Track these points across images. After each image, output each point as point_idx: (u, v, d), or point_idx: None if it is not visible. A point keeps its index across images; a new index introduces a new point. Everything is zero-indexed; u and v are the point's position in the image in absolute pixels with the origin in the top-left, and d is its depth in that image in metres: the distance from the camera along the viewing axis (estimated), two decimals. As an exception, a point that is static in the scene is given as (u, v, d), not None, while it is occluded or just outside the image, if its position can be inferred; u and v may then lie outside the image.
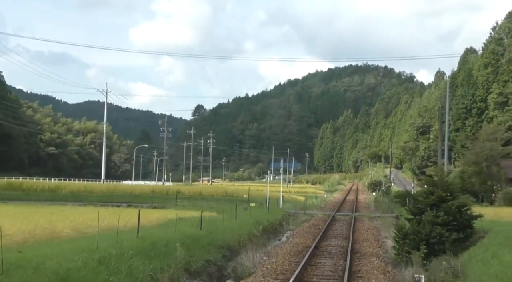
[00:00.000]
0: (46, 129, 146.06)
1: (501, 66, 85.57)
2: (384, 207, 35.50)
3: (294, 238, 19.58)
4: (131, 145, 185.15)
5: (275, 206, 33.06)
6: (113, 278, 8.76)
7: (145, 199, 34.15)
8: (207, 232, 15.87)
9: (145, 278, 9.54)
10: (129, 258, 10.09)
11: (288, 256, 15.14)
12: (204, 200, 36.33)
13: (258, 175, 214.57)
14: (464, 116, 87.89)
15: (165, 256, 11.37)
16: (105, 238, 11.16)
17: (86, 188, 38.94)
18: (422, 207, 14.69)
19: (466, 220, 14.34)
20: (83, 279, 8.16)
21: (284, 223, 25.10)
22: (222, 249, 14.93)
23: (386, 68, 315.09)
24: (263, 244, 18.04)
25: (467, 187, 37.81)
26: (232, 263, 13.95)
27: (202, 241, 14.30)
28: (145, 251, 11.07)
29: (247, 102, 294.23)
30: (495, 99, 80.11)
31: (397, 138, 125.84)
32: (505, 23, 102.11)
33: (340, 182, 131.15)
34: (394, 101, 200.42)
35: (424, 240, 13.82)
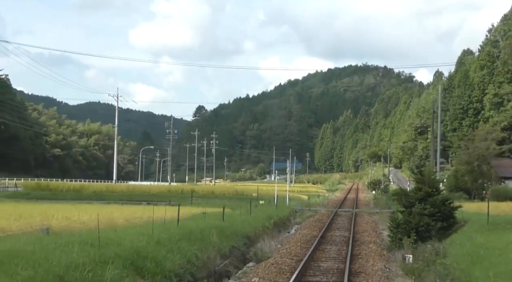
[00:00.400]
0: (51, 131, 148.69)
1: (496, 68, 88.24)
2: (382, 204, 38.19)
3: (302, 230, 22.32)
4: (134, 146, 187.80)
5: (282, 203, 35.83)
6: (170, 254, 11.43)
7: (161, 198, 36.94)
8: (229, 224, 18.57)
9: (191, 256, 12.22)
10: (176, 240, 12.79)
11: (299, 244, 17.85)
12: (217, 198, 39.06)
13: (260, 175, 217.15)
14: (461, 116, 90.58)
15: (202, 241, 14.05)
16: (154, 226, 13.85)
17: (107, 188, 41.82)
18: (412, 201, 17.38)
19: (449, 211, 17.04)
20: (149, 254, 10.83)
21: (292, 218, 27.85)
22: (243, 238, 17.63)
23: (386, 68, 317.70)
24: (275, 235, 20.75)
25: (461, 185, 40.58)
26: (252, 249, 16.66)
27: (226, 231, 16.98)
28: (186, 237, 13.74)
29: (247, 103, 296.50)
30: (490, 100, 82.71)
31: (396, 138, 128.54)
32: (501, 25, 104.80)
33: (341, 181, 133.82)
34: (393, 102, 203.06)
35: (414, 229, 16.52)
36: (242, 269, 13.89)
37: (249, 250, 16.52)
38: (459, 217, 17.63)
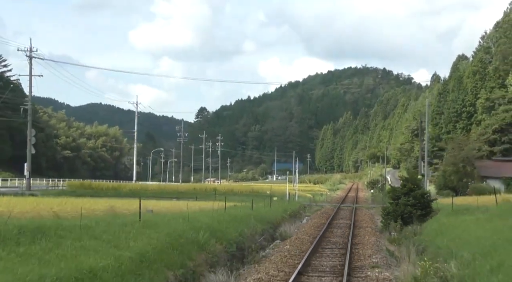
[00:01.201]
0: (61, 133, 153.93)
1: (488, 73, 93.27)
2: (379, 200, 43.53)
3: (313, 220, 27.71)
4: (140, 148, 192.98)
5: (292, 200, 41.20)
6: (228, 229, 16.76)
7: (188, 195, 42.27)
8: (257, 213, 23.95)
9: (241, 232, 17.55)
10: (228, 221, 18.15)
11: (312, 228, 23.23)
12: (236, 195, 44.25)
13: (261, 175, 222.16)
14: (455, 119, 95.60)
15: (244, 223, 19.40)
16: (208, 212, 19.20)
17: (142, 187, 47.31)
18: (399, 195, 22.70)
19: (426, 203, 22.39)
20: (216, 228, 16.14)
21: (302, 211, 33.26)
22: (269, 223, 23.00)
23: (385, 70, 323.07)
24: (292, 222, 26.10)
25: (448, 184, 45.97)
26: (277, 231, 22.06)
27: (257, 217, 22.32)
28: (233, 220, 19.10)
29: (249, 104, 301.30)
30: (482, 104, 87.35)
31: (395, 140, 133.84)
32: (493, 32, 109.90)
33: (342, 181, 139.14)
34: (392, 103, 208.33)
35: (399, 215, 21.85)
36: (273, 243, 19.25)
37: (275, 231, 21.91)
38: (434, 207, 22.98)
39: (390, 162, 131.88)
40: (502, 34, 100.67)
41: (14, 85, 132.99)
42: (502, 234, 12.54)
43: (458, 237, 15.19)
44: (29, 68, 40.59)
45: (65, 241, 9.81)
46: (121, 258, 9.66)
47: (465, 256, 11.28)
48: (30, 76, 41.27)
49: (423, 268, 11.09)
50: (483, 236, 13.23)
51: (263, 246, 18.46)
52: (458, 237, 15.19)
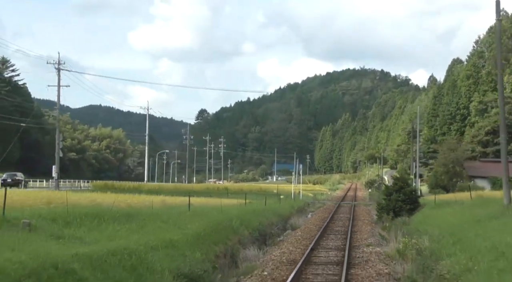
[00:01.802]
0: (67, 136, 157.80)
1: (481, 77, 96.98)
2: (376, 198, 47.42)
3: (317, 214, 31.72)
4: (143, 150, 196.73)
5: (297, 198, 45.22)
6: (251, 220, 20.72)
7: (202, 193, 46.15)
8: (269, 208, 27.93)
9: (261, 221, 21.51)
10: (250, 213, 22.13)
11: (317, 220, 27.23)
12: (246, 193, 48.06)
13: (262, 176, 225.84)
14: (450, 121, 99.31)
15: (261, 215, 23.36)
16: (232, 207, 23.14)
17: (160, 187, 51.22)
18: (391, 192, 26.69)
19: (414, 198, 26.40)
20: (242, 218, 20.08)
21: (307, 208, 37.23)
22: (280, 216, 27.00)
23: (383, 72, 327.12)
24: (299, 216, 30.07)
25: (439, 183, 50.00)
26: (288, 222, 26.03)
27: (269, 211, 26.30)
28: (252, 213, 23.07)
29: (248, 106, 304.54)
30: (476, 107, 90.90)
31: (392, 142, 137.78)
32: (486, 37, 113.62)
33: (341, 181, 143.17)
34: (390, 105, 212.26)
35: (391, 209, 25.83)
36: (285, 232, 23.22)
37: (286, 223, 25.91)
38: (422, 202, 26.99)
39: (388, 162, 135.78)
40: (495, 39, 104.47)
41: (22, 89, 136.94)
42: (465, 219, 16.48)
43: (435, 223, 19.23)
44: (57, 80, 44.45)
45: (147, 223, 13.77)
46: (185, 235, 13.64)
47: (436, 234, 15.25)
48: (59, 87, 45.18)
49: (404, 243, 15.07)
50: (452, 221, 17.20)
51: (278, 234, 22.41)
52: (435, 223, 19.23)
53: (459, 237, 14.37)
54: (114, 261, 9.19)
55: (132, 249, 10.25)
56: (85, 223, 11.57)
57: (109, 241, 10.48)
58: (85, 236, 10.36)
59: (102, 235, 10.92)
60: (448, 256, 12.58)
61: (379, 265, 13.52)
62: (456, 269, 11.21)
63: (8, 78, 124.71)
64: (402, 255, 14.40)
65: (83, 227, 11.10)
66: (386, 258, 14.81)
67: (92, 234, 10.71)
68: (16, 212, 11.03)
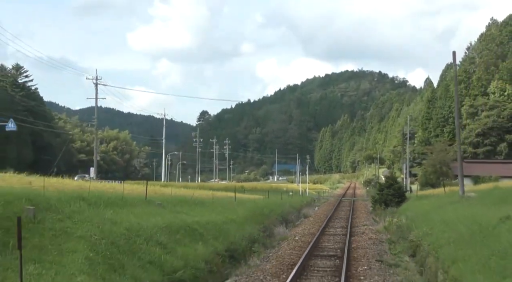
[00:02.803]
0: (76, 138, 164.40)
1: (471, 82, 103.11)
2: (372, 194, 54.08)
3: (323, 207, 38.36)
4: (148, 151, 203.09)
5: (304, 195, 51.89)
6: (275, 208, 27.30)
7: (222, 190, 52.62)
8: (284, 201, 34.50)
9: (282, 210, 28.07)
10: (272, 204, 28.73)
11: (324, 211, 33.87)
12: (260, 191, 54.51)
13: (263, 176, 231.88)
14: (442, 124, 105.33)
15: (280, 206, 29.93)
16: (258, 200, 29.71)
17: (186, 185, 57.50)
18: (383, 188, 33.28)
19: (401, 193, 33.01)
20: (268, 207, 26.63)
21: (313, 202, 43.82)
22: (294, 208, 33.59)
23: (380, 74, 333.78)
24: (308, 208, 36.66)
25: (428, 181, 56.62)
26: (300, 213, 32.65)
27: (286, 204, 32.86)
28: (274, 204, 29.65)
29: (249, 107, 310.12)
30: (467, 110, 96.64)
31: (389, 143, 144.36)
32: (477, 44, 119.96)
33: (340, 181, 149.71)
34: (387, 107, 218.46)
35: (383, 201, 32.42)
36: (300, 219, 29.78)
37: (299, 213, 32.49)
38: (409, 196, 33.64)
39: (385, 162, 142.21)
40: (485, 47, 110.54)
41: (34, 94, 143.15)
42: (433, 206, 23.05)
43: (413, 209, 25.87)
44: (95, 93, 50.79)
45: (214, 208, 20.34)
46: (238, 216, 20.23)
47: (411, 215, 21.82)
48: (96, 99, 51.51)
49: (389, 221, 21.66)
50: (425, 208, 23.78)
51: (295, 220, 28.95)
52: (413, 209, 25.87)
53: (425, 217, 20.98)
54: (210, 226, 15.76)
55: (215, 221, 16.83)
56: (184, 205, 18.11)
57: (201, 216, 16.93)
58: (189, 212, 16.89)
59: (196, 213, 17.44)
60: (416, 228, 19.20)
61: (371, 234, 20.15)
62: (420, 235, 17.85)
63: (22, 83, 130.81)
64: (387, 229, 20.93)
65: (185, 208, 17.63)
66: (376, 232, 21.41)
67: (192, 212, 17.24)
68: (148, 197, 17.53)
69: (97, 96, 50.48)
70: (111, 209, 12.20)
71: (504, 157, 79.53)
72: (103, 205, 12.29)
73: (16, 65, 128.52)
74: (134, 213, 12.84)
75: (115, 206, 12.73)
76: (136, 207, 14.13)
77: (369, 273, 12.23)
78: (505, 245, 10.22)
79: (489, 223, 12.90)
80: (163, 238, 11.62)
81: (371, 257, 14.70)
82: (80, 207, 11.17)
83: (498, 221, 12.68)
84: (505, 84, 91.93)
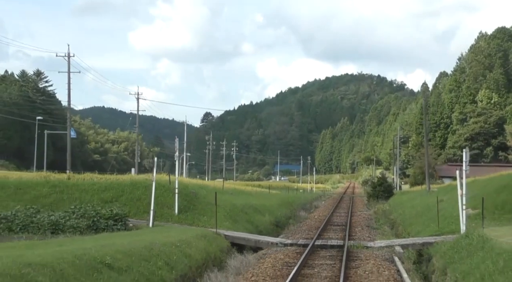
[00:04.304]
0: (91, 139, 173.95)
1: (461, 91, 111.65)
2: (368, 191, 63.80)
3: (328, 201, 48.24)
4: (157, 151, 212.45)
5: (311, 192, 61.70)
6: (295, 200, 37.05)
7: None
8: (299, 196, 44.21)
9: (301, 202, 37.79)
10: (292, 197, 38.51)
11: (330, 204, 43.74)
12: (276, 188, 64.09)
13: (265, 176, 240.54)
14: (435, 129, 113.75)
15: (298, 199, 39.66)
16: (282, 194, 39.50)
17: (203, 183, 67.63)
18: (376, 185, 43.03)
19: (390, 190, 42.77)
20: (290, 199, 36.34)
21: (319, 198, 53.59)
22: (307, 201, 43.28)
23: (379, 77, 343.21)
24: (317, 201, 46.39)
25: (417, 181, 66.32)
26: (312, 204, 42.35)
27: (300, 198, 42.57)
28: (292, 197, 39.38)
29: (251, 109, 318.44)
30: (457, 117, 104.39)
31: (386, 145, 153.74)
32: (468, 54, 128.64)
33: (340, 181, 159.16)
34: (385, 110, 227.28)
35: (376, 196, 42.17)
36: (313, 209, 39.44)
37: (311, 204, 42.20)
38: (395, 192, 43.44)
39: (382, 164, 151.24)
40: (474, 58, 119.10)
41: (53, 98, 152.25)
42: (409, 198, 32.78)
43: (396, 201, 35.72)
44: (137, 106, 60.38)
45: (258, 197, 30.00)
46: (274, 203, 29.98)
47: (393, 204, 31.57)
48: (138, 111, 61.19)
49: (378, 208, 31.34)
50: (403, 199, 33.58)
51: (309, 208, 38.53)
52: (396, 201, 35.72)
53: (402, 204, 30.82)
54: (263, 207, 25.52)
55: (264, 205, 26.59)
56: (241, 194, 27.88)
57: (256, 201, 26.60)
58: (248, 198, 26.61)
59: (251, 199, 27.18)
60: (395, 211, 29.02)
61: (364, 215, 29.92)
62: (396, 215, 27.65)
63: (42, 88, 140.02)
64: (376, 213, 30.65)
65: (244, 196, 27.37)
66: (368, 215, 31.17)
67: (249, 198, 27.01)
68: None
69: (138, 108, 60.14)
70: (220, 194, 21.89)
71: (489, 160, 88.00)
72: (212, 191, 21.97)
73: (37, 71, 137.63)
74: (230, 197, 22.62)
75: (219, 193, 22.45)
76: (226, 194, 23.87)
77: (361, 231, 21.93)
78: (435, 212, 19.93)
79: (432, 204, 22.62)
80: (249, 210, 21.31)
81: (363, 225, 24.44)
82: (206, 192, 20.92)
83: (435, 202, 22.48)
84: (492, 93, 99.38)
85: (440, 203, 21.48)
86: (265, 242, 16.17)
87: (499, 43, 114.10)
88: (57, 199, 17.32)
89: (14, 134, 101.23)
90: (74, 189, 18.00)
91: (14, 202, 16.37)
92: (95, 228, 14.03)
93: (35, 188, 17.84)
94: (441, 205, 21.29)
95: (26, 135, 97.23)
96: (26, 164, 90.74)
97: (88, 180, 19.32)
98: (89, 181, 19.08)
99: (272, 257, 13.82)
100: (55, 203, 17.01)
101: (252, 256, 13.90)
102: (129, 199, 17.65)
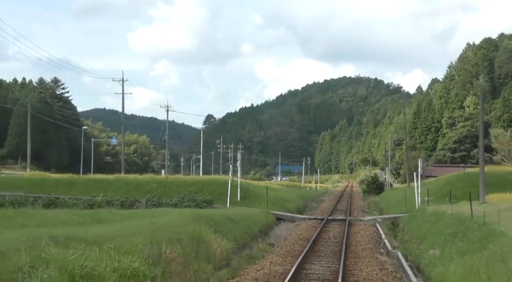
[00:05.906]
0: (102, 143, 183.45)
1: (450, 97, 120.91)
2: (363, 188, 73.77)
3: (331, 197, 58.37)
4: (164, 153, 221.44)
5: (316, 190, 71.79)
6: (306, 195, 47.05)
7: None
8: (308, 192, 54.21)
9: (311, 196, 47.81)
10: (304, 192, 48.53)
11: (332, 199, 53.84)
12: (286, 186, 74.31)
13: (267, 177, 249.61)
14: (426, 132, 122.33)
15: (308, 194, 49.67)
16: (293, 190, 49.59)
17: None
18: (369, 183, 53.10)
19: (381, 187, 52.89)
20: (303, 194, 46.34)
21: (323, 194, 63.61)
22: (313, 196, 53.24)
23: (376, 80, 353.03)
24: (322, 197, 56.34)
25: (406, 180, 76.35)
26: (319, 198, 52.37)
27: (310, 193, 52.54)
28: (304, 192, 49.37)
29: (252, 111, 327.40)
30: (446, 121, 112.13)
31: (382, 147, 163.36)
32: (458, 63, 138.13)
33: (339, 180, 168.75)
34: (382, 113, 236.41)
35: (370, 191, 52.23)
36: (320, 202, 49.40)
37: (318, 198, 52.18)
38: (385, 189, 53.50)
39: (379, 164, 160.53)
40: (462, 67, 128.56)
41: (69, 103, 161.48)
42: (394, 192, 42.72)
43: (386, 195, 45.77)
44: (166, 116, 70.14)
45: (279, 192, 39.94)
46: (293, 196, 40.04)
47: (382, 197, 41.63)
48: (167, 123, 70.86)
49: (371, 200, 41.39)
50: (391, 194, 43.54)
51: (317, 201, 48.34)
52: (386, 195, 45.77)
53: (388, 197, 40.94)
54: (287, 198, 35.54)
55: (286, 197, 36.61)
56: (260, 188, 37.77)
57: (280, 194, 36.43)
58: (273, 192, 36.51)
59: (275, 193, 37.10)
60: (383, 202, 39.20)
61: (360, 205, 40.02)
62: (383, 204, 37.89)
63: (59, 94, 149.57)
64: (369, 204, 40.64)
65: (261, 190, 37.27)
66: (363, 205, 41.21)
67: (273, 192, 36.94)
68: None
69: (168, 118, 69.93)
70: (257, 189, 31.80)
71: (476, 161, 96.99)
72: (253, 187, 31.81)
73: (54, 79, 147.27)
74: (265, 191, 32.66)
75: (255, 188, 32.42)
76: (261, 189, 33.85)
77: (358, 214, 31.98)
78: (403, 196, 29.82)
79: (408, 196, 32.55)
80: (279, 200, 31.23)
81: (359, 210, 34.52)
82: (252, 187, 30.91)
83: (409, 191, 32.52)
84: (478, 100, 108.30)
85: (413, 195, 31.50)
86: (297, 217, 26.19)
87: (485, 53, 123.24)
88: (163, 191, 27.11)
89: (34, 138, 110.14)
90: (172, 184, 27.82)
91: (136, 193, 26.11)
92: (199, 207, 23.67)
93: (147, 184, 27.72)
94: (413, 196, 31.26)
95: (45, 139, 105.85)
96: (45, 166, 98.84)
97: (179, 179, 29.12)
98: (180, 179, 28.91)
99: (304, 224, 23.79)
100: (162, 193, 26.74)
101: (292, 224, 23.85)
102: (210, 190, 27.42)
